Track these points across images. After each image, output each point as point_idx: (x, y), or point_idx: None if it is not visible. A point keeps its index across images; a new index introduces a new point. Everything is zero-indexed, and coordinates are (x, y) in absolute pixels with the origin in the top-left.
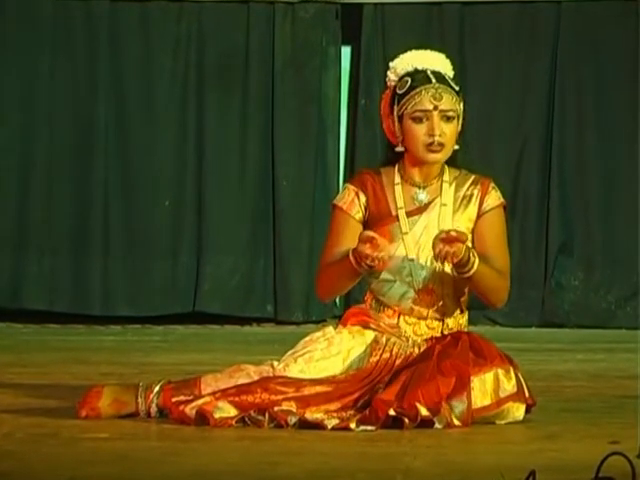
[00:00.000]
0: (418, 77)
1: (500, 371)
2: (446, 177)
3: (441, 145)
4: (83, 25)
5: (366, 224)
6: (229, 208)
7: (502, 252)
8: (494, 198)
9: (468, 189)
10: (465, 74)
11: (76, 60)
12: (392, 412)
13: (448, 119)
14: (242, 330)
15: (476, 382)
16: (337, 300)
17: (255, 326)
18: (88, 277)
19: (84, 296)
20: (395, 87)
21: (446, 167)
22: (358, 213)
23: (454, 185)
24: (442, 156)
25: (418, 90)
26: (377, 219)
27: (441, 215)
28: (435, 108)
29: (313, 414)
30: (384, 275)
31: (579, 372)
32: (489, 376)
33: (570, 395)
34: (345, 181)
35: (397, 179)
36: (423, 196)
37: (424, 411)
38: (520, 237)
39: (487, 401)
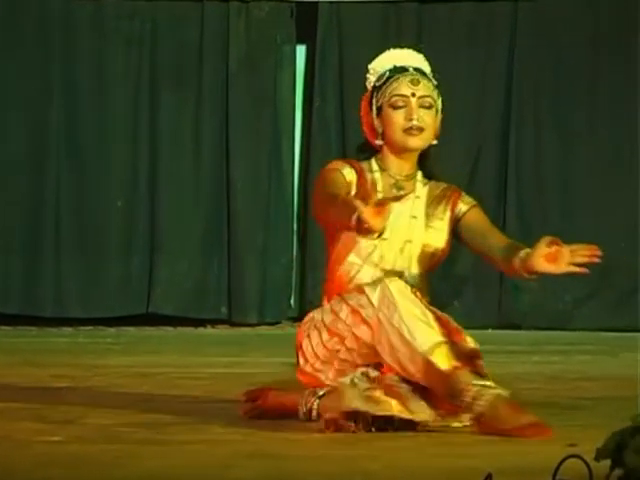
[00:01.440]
0: (395, 70)
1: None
2: (419, 177)
3: (420, 129)
4: (35, 23)
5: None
6: (183, 209)
7: (495, 229)
8: (468, 199)
9: (441, 192)
10: None
11: (28, 59)
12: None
13: (426, 106)
14: (196, 332)
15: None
16: (292, 302)
17: (209, 328)
18: (40, 278)
19: (35, 298)
20: (374, 85)
21: (419, 172)
22: (349, 175)
23: (428, 186)
24: (421, 142)
25: (396, 77)
26: (358, 197)
27: (414, 204)
28: (413, 95)
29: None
30: (351, 258)
31: (536, 374)
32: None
33: (527, 398)
34: (300, 182)
35: (375, 167)
36: (400, 186)
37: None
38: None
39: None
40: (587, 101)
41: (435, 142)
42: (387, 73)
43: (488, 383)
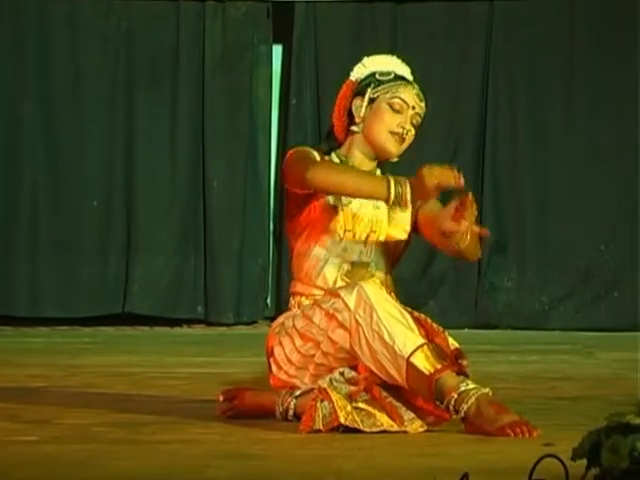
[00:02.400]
0: (400, 76)
1: None
2: (378, 173)
3: (403, 140)
4: (10, 21)
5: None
6: (159, 208)
7: None
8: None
9: None
10: None
11: (3, 56)
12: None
13: (415, 125)
14: (172, 332)
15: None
16: (268, 301)
17: (185, 327)
18: (15, 278)
19: (11, 297)
20: (371, 75)
21: (379, 169)
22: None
23: None
24: (397, 151)
25: (404, 83)
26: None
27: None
28: (413, 107)
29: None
30: (316, 251)
31: (512, 374)
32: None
33: (503, 397)
34: (276, 182)
35: (337, 160)
36: None
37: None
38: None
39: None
40: (563, 99)
41: (397, 159)
42: (393, 73)
43: (471, 384)
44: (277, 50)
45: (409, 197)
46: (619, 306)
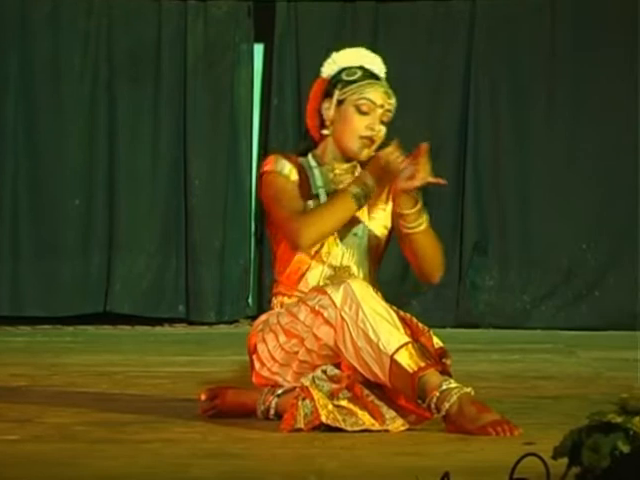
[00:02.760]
0: (368, 73)
1: None
2: (359, 169)
3: (373, 142)
4: None
5: None
6: (140, 207)
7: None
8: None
9: None
10: None
11: None
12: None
13: (385, 122)
14: (154, 331)
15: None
16: (250, 300)
17: (167, 327)
18: None
19: None
20: (339, 74)
21: (358, 165)
22: (294, 177)
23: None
24: (367, 154)
25: (371, 82)
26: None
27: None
28: (382, 106)
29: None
30: (298, 257)
31: (493, 373)
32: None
33: (484, 396)
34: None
35: (313, 163)
36: (340, 180)
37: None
38: None
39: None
40: (545, 98)
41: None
42: (359, 72)
43: (454, 383)
44: (258, 49)
45: (369, 182)
46: (600, 305)
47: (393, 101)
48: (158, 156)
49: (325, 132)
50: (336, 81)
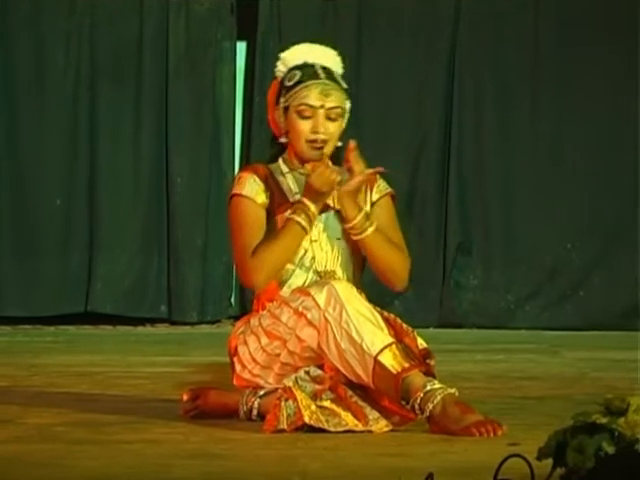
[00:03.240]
0: (307, 71)
1: None
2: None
3: (324, 142)
4: None
5: (266, 212)
6: (122, 206)
7: (397, 232)
8: (382, 187)
9: None
10: (361, 71)
11: None
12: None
13: (334, 117)
14: (135, 331)
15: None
16: (232, 300)
17: (149, 327)
18: None
19: None
20: (283, 78)
21: (329, 161)
22: (261, 198)
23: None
24: (319, 155)
25: (306, 84)
26: (275, 208)
27: (334, 200)
28: (322, 106)
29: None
30: None
31: (477, 373)
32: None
33: (468, 396)
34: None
35: (285, 169)
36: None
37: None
38: (418, 236)
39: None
40: (529, 98)
41: (339, 144)
42: (298, 74)
43: (437, 384)
44: (241, 47)
45: (311, 207)
46: (585, 305)
47: (334, 95)
48: (140, 154)
49: (283, 140)
50: (281, 87)
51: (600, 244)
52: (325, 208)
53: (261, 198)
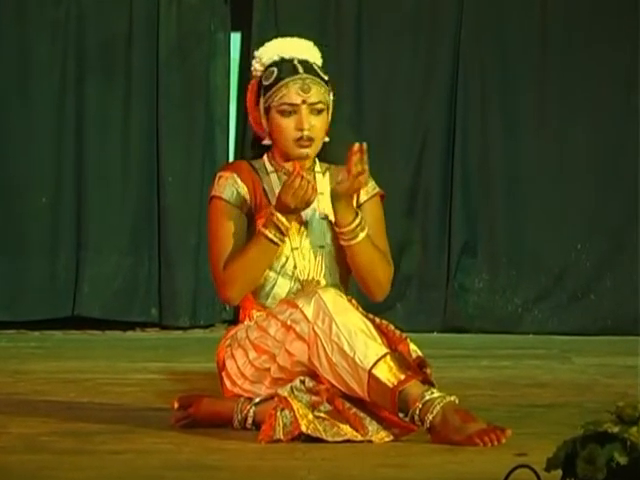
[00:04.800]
0: (285, 67)
1: None
2: (317, 168)
3: (310, 140)
4: None
5: (248, 214)
6: (111, 205)
7: (382, 238)
8: (370, 187)
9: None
10: (362, 63)
11: None
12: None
13: (317, 112)
14: (125, 335)
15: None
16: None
17: (139, 331)
18: None
19: None
20: (261, 77)
21: (316, 160)
22: (241, 201)
23: (327, 175)
24: (312, 151)
25: (285, 82)
26: (257, 209)
27: (319, 203)
28: (303, 102)
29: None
30: (265, 272)
31: (483, 380)
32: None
33: (474, 404)
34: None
35: (270, 168)
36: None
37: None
38: (421, 236)
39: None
40: (535, 94)
41: (327, 139)
42: (275, 71)
43: (436, 393)
44: (235, 38)
45: (282, 220)
46: (596, 308)
47: (315, 89)
48: (129, 151)
49: (266, 142)
50: (259, 86)
51: (611, 244)
52: (309, 214)
53: (241, 200)
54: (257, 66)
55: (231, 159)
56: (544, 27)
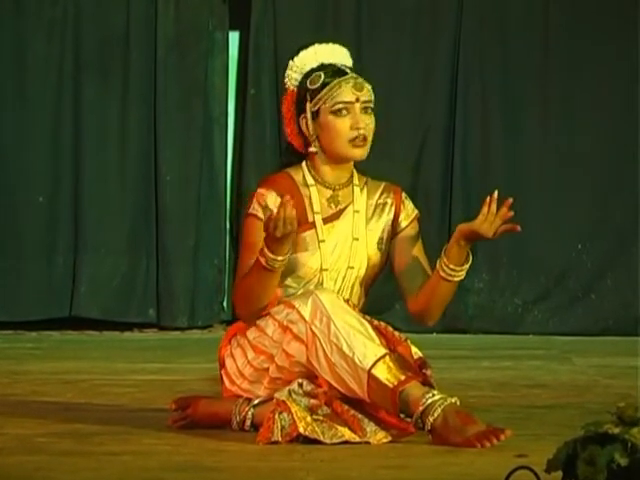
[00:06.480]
0: (331, 70)
1: None
2: (356, 181)
3: (365, 139)
4: None
5: None
6: (108, 205)
7: (426, 260)
8: (410, 210)
9: (380, 197)
10: (361, 63)
11: None
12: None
13: (369, 112)
14: (122, 336)
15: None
16: (225, 304)
17: (136, 332)
18: None
19: None
20: (302, 84)
21: (354, 170)
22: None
23: (365, 191)
24: (365, 152)
25: (337, 82)
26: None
27: (354, 223)
28: (357, 100)
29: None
30: (289, 282)
31: (484, 381)
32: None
33: (474, 405)
34: (233, 177)
35: (310, 180)
36: (337, 201)
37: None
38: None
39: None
40: (537, 93)
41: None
42: (322, 75)
43: (437, 395)
44: (234, 37)
45: (270, 257)
46: (597, 309)
47: (367, 88)
48: (127, 150)
49: (312, 149)
50: (304, 93)
51: (612, 244)
52: (343, 233)
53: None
54: (294, 75)
55: (229, 159)
56: (545, 27)
